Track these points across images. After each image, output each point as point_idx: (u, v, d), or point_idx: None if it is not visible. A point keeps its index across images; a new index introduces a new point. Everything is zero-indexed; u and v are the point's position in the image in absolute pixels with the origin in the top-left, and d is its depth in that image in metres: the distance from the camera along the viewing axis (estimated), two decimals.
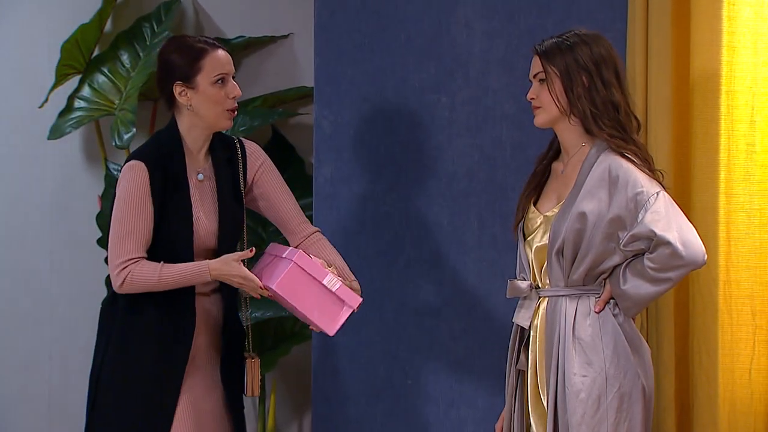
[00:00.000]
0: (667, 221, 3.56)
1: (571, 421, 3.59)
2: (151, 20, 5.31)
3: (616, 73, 3.65)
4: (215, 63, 3.82)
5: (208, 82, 3.81)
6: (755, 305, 4.23)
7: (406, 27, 4.55)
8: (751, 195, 4.23)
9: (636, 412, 3.61)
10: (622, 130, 3.63)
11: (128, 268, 3.75)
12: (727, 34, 4.21)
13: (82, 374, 5.45)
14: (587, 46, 3.64)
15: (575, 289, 3.64)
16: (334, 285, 3.77)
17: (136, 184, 3.77)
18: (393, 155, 4.59)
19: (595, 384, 3.60)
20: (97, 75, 5.33)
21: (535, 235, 3.71)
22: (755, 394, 4.25)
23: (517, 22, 4.47)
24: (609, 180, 3.59)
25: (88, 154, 5.54)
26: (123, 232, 3.76)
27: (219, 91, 3.82)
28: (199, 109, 3.82)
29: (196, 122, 3.85)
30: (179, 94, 3.82)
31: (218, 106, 3.82)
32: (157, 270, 3.75)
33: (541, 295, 3.70)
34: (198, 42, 3.85)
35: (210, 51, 3.82)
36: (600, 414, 3.59)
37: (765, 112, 4.21)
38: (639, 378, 3.62)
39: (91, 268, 5.35)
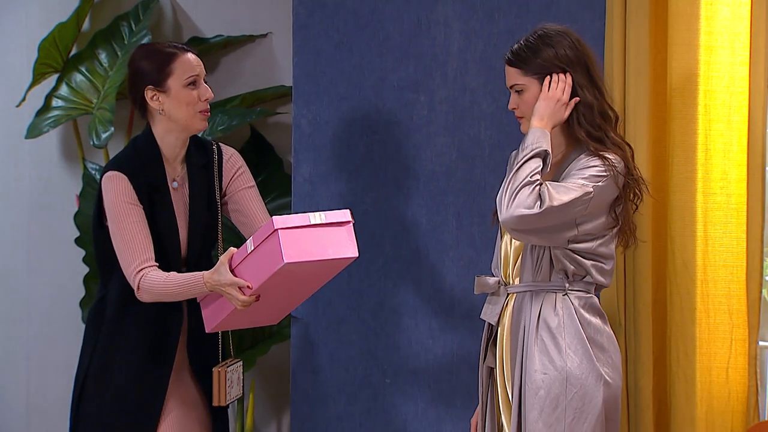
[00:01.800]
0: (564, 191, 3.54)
1: (529, 418, 3.59)
2: (129, 19, 5.29)
3: (586, 70, 3.64)
4: (186, 66, 3.83)
5: (180, 85, 3.81)
6: (732, 304, 4.24)
7: (384, 26, 4.55)
8: (728, 194, 4.24)
9: (596, 413, 3.59)
10: (598, 129, 3.63)
11: (141, 272, 3.75)
12: (704, 34, 4.23)
13: (60, 373, 5.44)
14: (553, 49, 3.62)
15: (542, 286, 3.65)
16: (320, 217, 3.64)
17: (121, 193, 3.77)
18: (371, 154, 4.59)
19: (555, 382, 3.59)
20: (74, 74, 5.32)
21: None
22: (732, 393, 4.26)
23: (496, 21, 4.48)
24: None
25: (66, 153, 5.52)
26: (125, 242, 3.76)
27: (191, 93, 3.82)
28: (172, 113, 3.82)
29: (171, 127, 3.85)
30: (151, 99, 3.82)
31: (191, 107, 3.82)
32: (162, 280, 3.75)
33: (509, 292, 3.71)
34: (167, 47, 3.86)
35: (179, 54, 3.83)
36: (558, 413, 3.59)
37: (742, 112, 4.22)
38: (602, 378, 3.60)
39: (69, 267, 5.33)
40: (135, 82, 3.85)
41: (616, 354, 3.67)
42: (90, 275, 5.14)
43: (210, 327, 3.83)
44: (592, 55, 3.67)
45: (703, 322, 4.26)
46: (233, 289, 3.67)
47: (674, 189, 4.26)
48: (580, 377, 3.59)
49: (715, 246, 4.25)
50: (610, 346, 3.66)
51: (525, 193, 3.50)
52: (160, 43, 3.90)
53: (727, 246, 4.24)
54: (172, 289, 3.74)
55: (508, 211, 3.51)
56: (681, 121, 4.24)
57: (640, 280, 4.26)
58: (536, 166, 3.53)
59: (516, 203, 3.50)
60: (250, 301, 3.67)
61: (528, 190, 3.50)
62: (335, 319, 4.64)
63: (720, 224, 4.24)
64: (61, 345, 5.46)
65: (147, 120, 3.89)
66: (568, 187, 3.53)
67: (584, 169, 3.56)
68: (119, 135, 5.30)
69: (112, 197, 3.78)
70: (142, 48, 3.91)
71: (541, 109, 3.58)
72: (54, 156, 5.52)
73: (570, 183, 3.54)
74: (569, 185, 3.53)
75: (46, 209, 5.50)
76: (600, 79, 3.67)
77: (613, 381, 3.63)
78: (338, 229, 3.67)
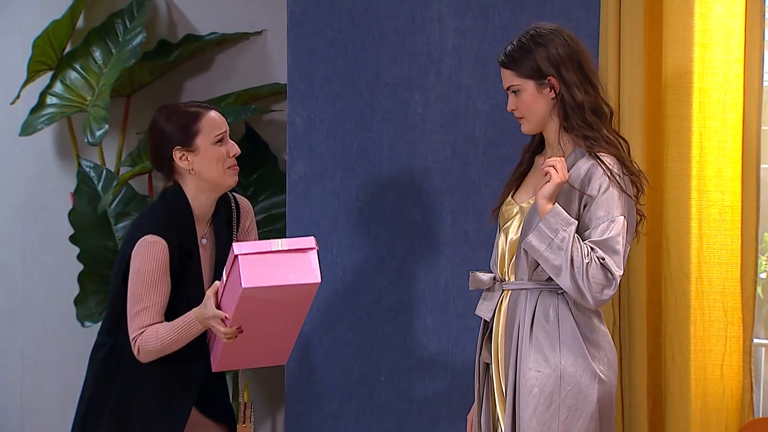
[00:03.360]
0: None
1: (523, 416, 3.59)
2: (124, 16, 5.29)
3: (579, 68, 3.63)
4: (212, 124, 3.82)
5: (209, 143, 3.80)
6: (727, 301, 4.25)
7: (379, 24, 4.54)
8: (723, 191, 4.24)
9: (590, 411, 3.59)
10: (591, 128, 3.63)
11: (142, 336, 3.77)
12: (699, 32, 4.23)
13: (54, 372, 5.44)
14: (545, 48, 3.62)
15: (537, 284, 3.65)
16: (282, 244, 3.63)
17: (156, 261, 3.76)
18: (366, 152, 4.58)
19: (549, 380, 3.59)
20: (69, 71, 5.31)
21: (511, 226, 3.72)
22: (727, 390, 4.26)
23: (491, 18, 4.47)
24: (583, 192, 3.59)
25: (60, 151, 5.51)
26: (140, 308, 3.76)
27: (219, 150, 3.82)
28: (203, 171, 3.82)
29: (203, 186, 3.84)
30: (180, 159, 3.81)
31: (220, 164, 3.81)
32: (154, 335, 3.75)
33: (504, 288, 3.71)
34: (190, 107, 3.85)
35: (204, 113, 3.82)
36: (552, 410, 3.59)
37: (737, 109, 4.22)
38: (597, 376, 3.60)
39: (64, 265, 5.33)
40: (161, 144, 3.83)
41: (611, 352, 3.67)
42: (85, 273, 5.13)
43: (214, 365, 3.85)
44: (585, 51, 3.66)
45: (697, 320, 4.26)
46: (216, 321, 3.68)
47: (669, 186, 4.26)
48: (574, 375, 3.59)
49: (709, 243, 4.25)
50: (606, 345, 3.66)
51: (594, 272, 3.51)
52: (182, 104, 3.89)
53: (721, 243, 4.25)
54: (167, 337, 3.75)
55: (594, 296, 3.52)
56: (675, 118, 4.24)
57: (634, 278, 4.27)
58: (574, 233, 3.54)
59: (593, 287, 3.51)
60: (232, 333, 3.67)
61: (594, 268, 3.51)
62: (330, 317, 4.64)
63: (715, 222, 4.25)
64: (56, 343, 5.46)
65: (174, 180, 3.87)
66: (615, 248, 3.54)
67: (602, 205, 3.56)
68: (113, 132, 5.30)
69: (149, 265, 3.76)
70: (164, 110, 3.88)
71: (550, 192, 3.59)
72: (48, 153, 5.51)
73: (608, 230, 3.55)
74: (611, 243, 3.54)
75: (40, 207, 5.49)
76: (594, 74, 3.66)
77: (608, 379, 3.63)
78: (301, 255, 3.66)
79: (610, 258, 3.52)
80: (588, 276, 3.50)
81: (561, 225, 3.53)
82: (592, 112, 3.62)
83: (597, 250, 3.52)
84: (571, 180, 3.59)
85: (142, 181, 5.33)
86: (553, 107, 3.64)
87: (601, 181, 3.56)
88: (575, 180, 3.59)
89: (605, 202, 3.55)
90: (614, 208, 3.55)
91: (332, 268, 4.57)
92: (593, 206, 3.56)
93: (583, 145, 3.61)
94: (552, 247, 3.53)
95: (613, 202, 3.55)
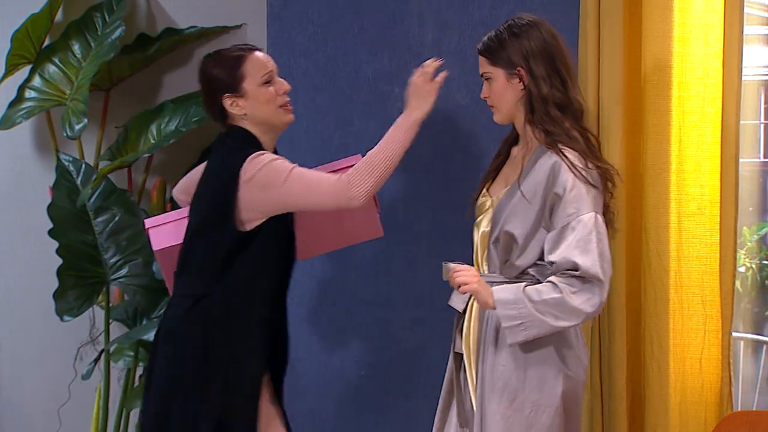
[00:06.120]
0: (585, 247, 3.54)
1: (488, 410, 3.61)
2: (103, 10, 5.26)
3: (550, 63, 3.65)
4: (257, 65, 3.82)
5: (256, 85, 3.80)
6: (706, 295, 4.26)
7: (359, 17, 4.54)
8: (701, 185, 4.25)
9: (554, 405, 3.60)
10: (553, 123, 3.63)
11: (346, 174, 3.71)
12: (678, 26, 4.24)
13: (33, 366, 5.42)
14: (518, 39, 3.65)
15: (508, 278, 3.65)
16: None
17: (274, 158, 3.74)
18: (346, 146, 4.58)
19: (513, 374, 3.60)
20: (48, 65, 5.29)
21: (483, 219, 3.73)
22: (706, 384, 4.28)
23: (471, 13, 4.48)
24: (547, 191, 3.58)
25: (39, 145, 5.49)
26: (308, 171, 3.73)
27: (268, 90, 3.81)
28: (255, 114, 3.82)
29: (261, 129, 3.84)
30: (231, 106, 3.81)
31: (271, 104, 3.82)
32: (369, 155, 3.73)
33: None
34: (234, 51, 3.84)
35: (248, 55, 3.82)
36: (516, 404, 3.60)
37: (716, 104, 4.23)
38: (562, 371, 3.61)
39: (43, 259, 5.31)
40: (210, 93, 3.83)
41: (580, 348, 3.68)
42: (64, 267, 5.11)
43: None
44: (562, 47, 3.68)
45: (676, 313, 4.27)
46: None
47: (648, 181, 4.27)
48: (539, 370, 3.60)
49: (688, 237, 4.27)
50: (575, 341, 3.66)
51: (571, 300, 3.51)
52: (227, 49, 3.88)
53: (700, 237, 4.26)
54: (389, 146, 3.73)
55: (592, 309, 3.52)
56: (655, 113, 4.25)
57: (614, 272, 4.24)
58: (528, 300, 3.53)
59: (584, 306, 3.51)
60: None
61: (569, 296, 3.51)
62: (310, 312, 4.64)
63: (694, 216, 4.26)
64: (35, 337, 5.44)
65: (228, 126, 3.85)
66: (587, 248, 3.52)
67: (571, 203, 3.55)
68: (93, 126, 5.28)
69: (274, 161, 3.72)
70: (210, 57, 3.89)
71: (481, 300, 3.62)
72: (27, 147, 5.49)
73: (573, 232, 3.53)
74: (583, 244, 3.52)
75: (19, 201, 5.47)
76: (568, 70, 3.67)
77: (575, 374, 3.63)
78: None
79: (581, 262, 3.50)
80: (571, 307, 3.51)
81: (514, 308, 3.54)
82: (556, 107, 3.63)
83: (560, 276, 3.51)
84: (527, 190, 3.59)
85: (121, 175, 5.31)
86: (520, 98, 3.66)
87: (566, 178, 3.56)
88: (538, 185, 3.59)
89: (574, 199, 3.55)
90: (583, 205, 3.55)
91: (312, 263, 4.57)
92: (561, 205, 3.55)
93: (544, 139, 3.62)
94: (529, 327, 3.54)
95: (581, 198, 3.55)
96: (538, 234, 3.59)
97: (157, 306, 5.12)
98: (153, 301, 5.14)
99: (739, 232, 4.28)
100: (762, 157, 4.97)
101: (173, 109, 5.15)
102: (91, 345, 5.43)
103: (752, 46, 4.60)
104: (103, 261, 5.10)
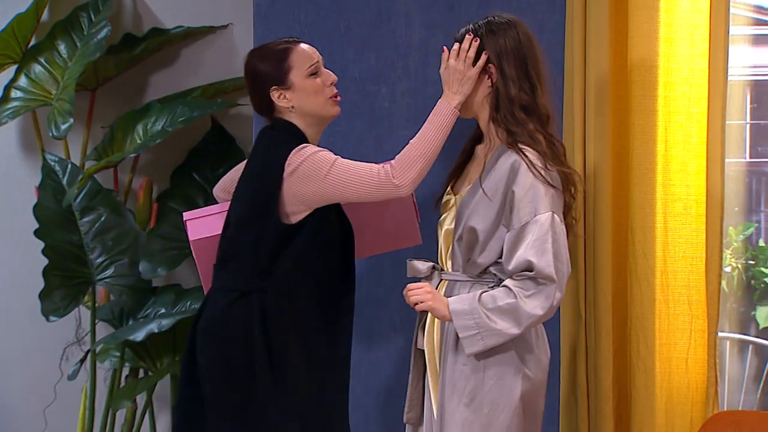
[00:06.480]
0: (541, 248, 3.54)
1: (447, 409, 3.62)
2: (89, 10, 5.26)
3: (522, 65, 3.65)
4: (303, 57, 3.80)
5: (302, 77, 3.78)
6: (692, 295, 4.27)
7: (345, 17, 4.54)
8: (687, 185, 4.26)
9: (512, 406, 3.61)
10: (517, 124, 3.63)
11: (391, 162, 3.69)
12: (664, 26, 4.24)
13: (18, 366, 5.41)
14: (494, 37, 3.66)
15: (470, 277, 3.66)
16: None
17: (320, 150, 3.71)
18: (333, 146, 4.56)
19: (473, 375, 3.61)
20: (33, 65, 5.28)
21: (447, 216, 3.74)
22: (692, 383, 4.28)
23: (458, 12, 4.47)
24: (507, 189, 3.59)
25: (25, 145, 5.48)
26: (351, 162, 3.71)
27: (315, 82, 3.80)
28: (303, 106, 3.79)
29: (308, 121, 3.81)
30: (278, 99, 3.79)
31: (320, 96, 3.80)
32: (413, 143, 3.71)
33: (442, 278, 3.72)
34: (278, 44, 3.82)
35: (293, 47, 3.80)
36: (475, 404, 3.61)
37: (702, 104, 4.24)
38: (521, 371, 3.62)
39: (29, 260, 5.30)
40: (257, 86, 3.81)
41: (541, 350, 3.68)
42: (49, 267, 5.10)
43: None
44: (536, 52, 3.68)
45: (662, 313, 4.28)
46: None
47: (634, 180, 4.27)
48: (498, 370, 3.60)
49: (674, 237, 4.27)
50: (535, 342, 3.67)
51: (527, 303, 3.51)
52: (271, 43, 3.86)
53: (686, 237, 4.27)
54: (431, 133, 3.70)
55: (550, 307, 3.53)
56: (641, 113, 4.26)
57: (600, 272, 4.28)
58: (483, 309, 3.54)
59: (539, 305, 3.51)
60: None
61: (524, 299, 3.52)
62: None
63: (680, 216, 4.27)
64: (20, 337, 5.43)
65: (274, 118, 3.83)
66: (543, 248, 3.52)
67: (528, 203, 3.54)
68: (79, 126, 5.28)
69: (320, 152, 3.69)
70: (255, 51, 3.87)
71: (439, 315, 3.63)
72: (13, 147, 5.48)
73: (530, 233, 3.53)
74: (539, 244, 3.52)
75: (4, 201, 5.46)
76: (539, 75, 3.67)
77: (535, 376, 3.64)
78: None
79: (536, 262, 3.51)
80: (525, 312, 3.52)
81: (470, 318, 3.55)
82: (522, 110, 3.63)
83: (515, 279, 3.52)
84: (488, 188, 3.61)
85: (107, 175, 5.30)
86: (487, 95, 3.67)
87: (524, 177, 3.56)
88: (499, 183, 3.59)
89: (531, 199, 3.55)
90: (540, 204, 3.55)
91: None
92: (519, 204, 3.56)
93: (506, 139, 3.63)
94: (486, 336, 3.54)
95: (539, 198, 3.55)
96: (499, 231, 3.60)
97: (143, 306, 5.12)
98: (139, 302, 5.13)
99: (725, 232, 4.30)
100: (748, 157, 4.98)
101: (159, 109, 5.15)
102: (77, 345, 5.42)
103: (738, 46, 4.61)
104: (89, 261, 5.10)
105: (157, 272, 5.06)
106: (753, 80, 4.88)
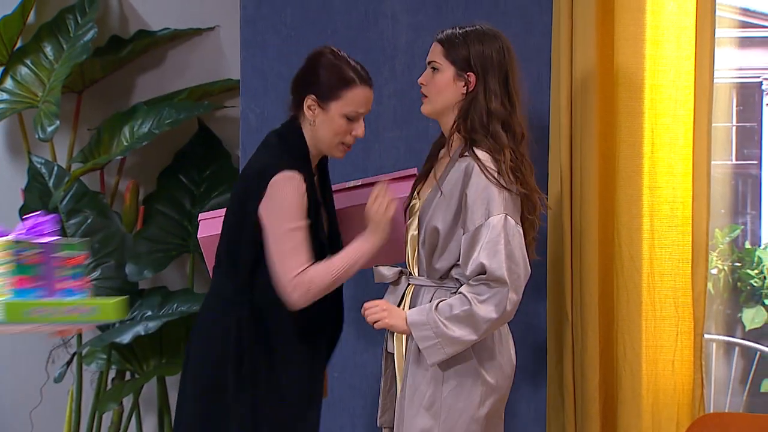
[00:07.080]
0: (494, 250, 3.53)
1: (406, 414, 3.63)
2: (75, 12, 5.25)
3: (504, 80, 3.64)
4: (357, 101, 3.70)
5: (340, 113, 3.69)
6: (678, 297, 4.27)
7: (332, 19, 4.54)
8: (674, 188, 4.27)
9: (470, 413, 3.60)
10: (488, 138, 3.61)
11: (306, 275, 3.61)
12: (650, 29, 4.25)
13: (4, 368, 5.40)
14: (481, 46, 3.64)
15: (433, 282, 3.67)
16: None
17: (299, 195, 3.62)
18: None
19: (432, 380, 3.61)
20: (20, 67, 5.27)
21: (413, 221, 3.73)
22: (678, 385, 4.29)
23: (445, 15, 4.48)
24: (462, 191, 3.59)
25: (11, 147, 5.47)
26: (296, 243, 3.61)
27: (345, 124, 3.71)
28: (319, 131, 3.70)
29: (314, 142, 3.73)
30: (308, 107, 3.70)
31: (338, 137, 3.71)
32: (324, 269, 3.64)
33: (410, 282, 3.72)
34: (351, 69, 3.71)
35: (357, 85, 3.70)
36: (433, 410, 3.61)
37: (688, 106, 4.25)
38: (481, 377, 3.61)
39: None
40: (305, 82, 3.73)
41: (504, 356, 3.67)
42: None
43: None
44: (516, 68, 3.68)
45: (649, 315, 4.28)
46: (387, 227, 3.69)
47: (621, 183, 4.28)
48: (457, 377, 3.60)
49: (661, 239, 4.28)
50: (498, 349, 3.66)
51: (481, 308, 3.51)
52: (349, 59, 3.75)
53: (673, 239, 4.27)
54: (338, 270, 3.64)
55: (506, 313, 3.53)
56: (627, 115, 4.27)
57: (586, 273, 4.28)
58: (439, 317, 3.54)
59: (495, 310, 3.51)
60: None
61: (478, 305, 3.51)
62: None
63: (666, 218, 4.27)
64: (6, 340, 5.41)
65: (295, 114, 3.76)
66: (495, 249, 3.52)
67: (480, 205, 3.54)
68: (65, 128, 5.27)
69: (295, 200, 3.62)
70: (330, 55, 3.75)
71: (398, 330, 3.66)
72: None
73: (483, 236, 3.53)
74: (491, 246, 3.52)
75: None
76: (516, 92, 3.66)
77: (496, 383, 3.63)
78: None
79: (488, 264, 3.50)
80: (481, 317, 3.52)
81: (427, 329, 3.55)
82: (501, 125, 3.61)
83: (470, 286, 3.53)
84: (446, 191, 3.61)
85: (93, 178, 5.29)
86: (458, 101, 3.65)
87: (478, 180, 3.56)
88: (455, 185, 3.60)
89: (484, 201, 3.55)
90: (494, 207, 3.54)
91: None
92: (471, 207, 3.55)
93: (465, 143, 3.62)
94: (445, 345, 3.54)
95: (492, 200, 3.55)
96: (457, 234, 3.60)
97: (130, 308, 5.11)
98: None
99: (711, 234, 4.30)
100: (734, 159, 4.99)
101: (146, 111, 5.14)
102: (63, 348, 5.41)
103: (724, 48, 4.62)
104: None
105: (143, 274, 5.05)
106: (739, 83, 4.89)
